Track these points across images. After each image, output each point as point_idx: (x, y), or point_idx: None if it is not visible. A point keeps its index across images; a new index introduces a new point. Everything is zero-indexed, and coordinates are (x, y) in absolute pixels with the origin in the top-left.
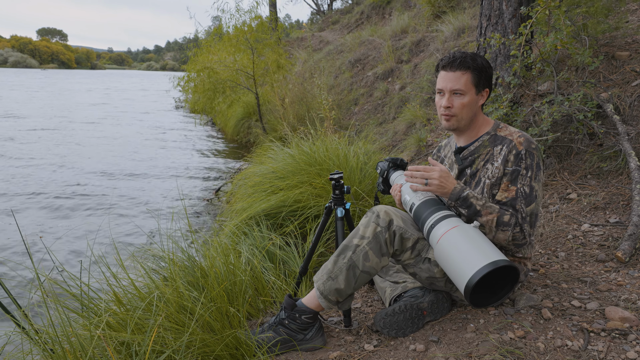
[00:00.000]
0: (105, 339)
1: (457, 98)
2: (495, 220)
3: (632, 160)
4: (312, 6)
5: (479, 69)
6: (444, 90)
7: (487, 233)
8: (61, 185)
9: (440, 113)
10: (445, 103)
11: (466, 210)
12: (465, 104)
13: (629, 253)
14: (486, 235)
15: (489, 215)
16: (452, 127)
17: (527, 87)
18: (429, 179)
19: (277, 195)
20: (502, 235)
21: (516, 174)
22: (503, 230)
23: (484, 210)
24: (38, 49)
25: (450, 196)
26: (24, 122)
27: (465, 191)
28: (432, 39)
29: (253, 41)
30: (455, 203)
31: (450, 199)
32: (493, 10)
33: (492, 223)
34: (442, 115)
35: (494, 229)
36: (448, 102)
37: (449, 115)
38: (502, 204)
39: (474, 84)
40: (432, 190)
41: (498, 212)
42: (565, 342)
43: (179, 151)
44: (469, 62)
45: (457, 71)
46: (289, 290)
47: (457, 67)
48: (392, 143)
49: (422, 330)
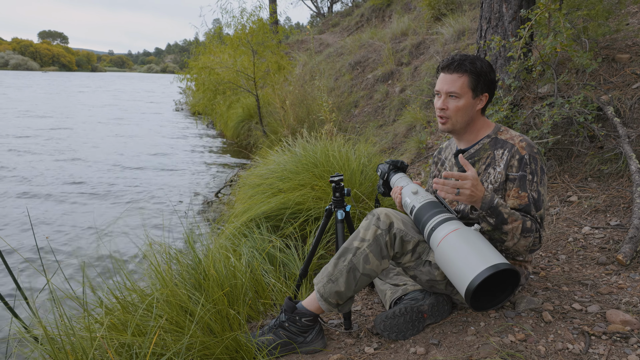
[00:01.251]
0: (106, 341)
1: (452, 100)
2: (520, 227)
3: (633, 163)
4: (312, 9)
5: (477, 72)
6: (440, 92)
7: (509, 240)
8: (62, 184)
9: (437, 115)
10: (440, 105)
11: (494, 219)
12: (460, 107)
13: (630, 256)
14: (507, 242)
15: (514, 222)
16: (446, 130)
17: (527, 89)
18: (461, 188)
19: (277, 198)
20: (524, 242)
21: (524, 179)
22: (526, 236)
23: (510, 218)
24: (39, 52)
25: (482, 206)
26: (44, 121)
27: (495, 199)
28: (432, 41)
29: (254, 43)
30: (485, 213)
31: (481, 209)
32: (493, 13)
33: (517, 230)
34: (437, 116)
35: (519, 235)
36: (443, 103)
37: (443, 117)
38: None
39: (470, 87)
40: (461, 200)
41: (522, 219)
42: (566, 345)
43: (179, 153)
44: (467, 66)
45: (454, 74)
46: (289, 292)
47: (454, 70)
48: (392, 145)
49: (422, 333)
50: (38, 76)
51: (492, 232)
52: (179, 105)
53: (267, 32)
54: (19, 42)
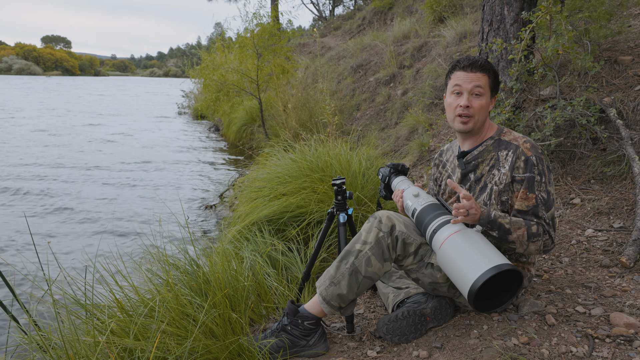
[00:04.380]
0: (109, 346)
1: (476, 99)
2: (526, 234)
3: (636, 165)
4: (314, 12)
5: (495, 74)
6: (462, 90)
7: (519, 247)
8: (61, 189)
9: (457, 114)
10: (465, 102)
11: (497, 231)
12: (483, 106)
13: (634, 258)
14: (517, 250)
15: (518, 230)
16: (467, 129)
17: (529, 92)
18: (469, 209)
19: (279, 201)
20: (533, 247)
21: (532, 181)
22: (534, 241)
23: (512, 227)
24: (42, 56)
25: (480, 222)
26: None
27: (492, 212)
28: (434, 44)
29: (260, 46)
30: (485, 227)
31: (481, 224)
32: (495, 16)
33: (523, 237)
34: (458, 116)
35: (526, 242)
36: (468, 101)
37: (467, 115)
38: (524, 213)
39: (490, 87)
40: (468, 220)
41: (525, 225)
42: (569, 348)
43: (182, 157)
44: (489, 66)
45: (478, 72)
46: (292, 296)
47: (478, 69)
48: (395, 148)
49: (425, 336)
50: (44, 81)
51: (498, 244)
52: (182, 108)
53: (274, 35)
54: (22, 47)
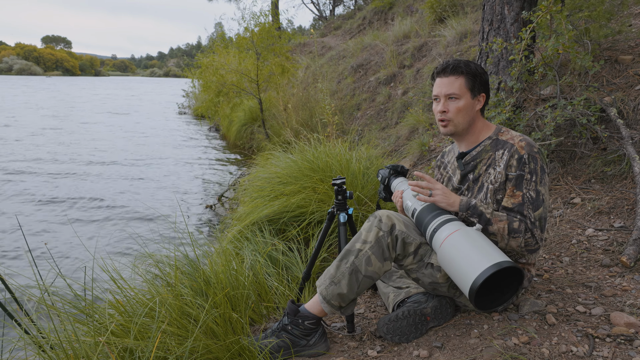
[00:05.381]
0: (109, 346)
1: (452, 102)
2: (507, 228)
3: (637, 164)
4: (315, 12)
5: (472, 73)
6: (439, 96)
7: (500, 241)
8: (62, 190)
9: (437, 119)
10: (441, 108)
11: (477, 218)
12: (460, 108)
13: (634, 258)
14: (498, 244)
15: (499, 222)
16: (449, 133)
17: (529, 91)
18: (432, 189)
19: (280, 201)
20: (514, 243)
21: (521, 179)
22: (514, 237)
23: (493, 219)
24: (42, 57)
25: (460, 207)
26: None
27: (473, 201)
28: (434, 43)
29: (259, 46)
30: (466, 213)
31: (460, 210)
32: (495, 15)
33: (503, 231)
34: (439, 121)
35: (506, 236)
36: (443, 106)
37: (445, 120)
38: (509, 210)
39: (468, 88)
40: (437, 201)
41: (507, 220)
42: (570, 347)
43: (182, 156)
44: (462, 67)
45: (450, 76)
46: (292, 295)
47: (450, 73)
48: (395, 148)
49: (425, 336)
50: (45, 81)
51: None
52: (182, 108)
53: (272, 36)
54: (23, 47)
